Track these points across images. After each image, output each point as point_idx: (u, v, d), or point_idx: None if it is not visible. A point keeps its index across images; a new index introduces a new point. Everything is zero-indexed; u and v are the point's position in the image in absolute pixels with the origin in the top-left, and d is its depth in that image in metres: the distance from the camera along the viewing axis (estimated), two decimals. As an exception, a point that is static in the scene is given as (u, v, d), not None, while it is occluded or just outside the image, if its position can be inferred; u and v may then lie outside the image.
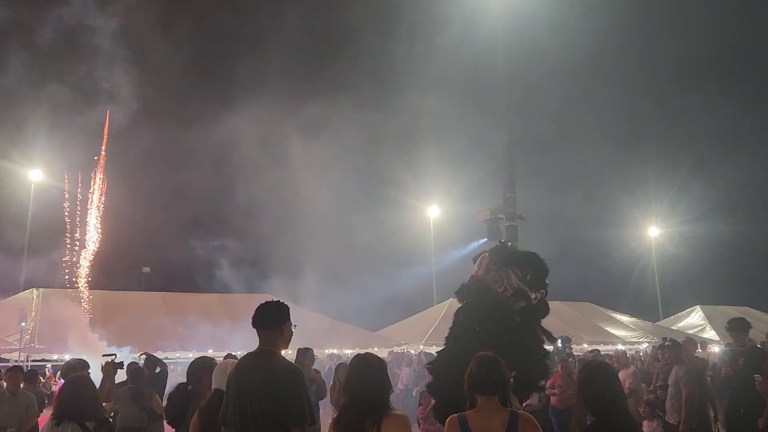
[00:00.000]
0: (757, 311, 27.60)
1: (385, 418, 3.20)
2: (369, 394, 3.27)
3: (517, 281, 5.35)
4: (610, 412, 3.22)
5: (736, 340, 7.75)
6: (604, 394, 3.27)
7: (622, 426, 3.19)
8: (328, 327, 21.00)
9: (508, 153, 14.16)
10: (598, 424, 3.22)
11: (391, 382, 3.60)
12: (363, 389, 3.29)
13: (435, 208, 32.21)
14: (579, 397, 3.36)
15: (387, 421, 3.19)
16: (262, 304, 3.72)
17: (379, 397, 3.28)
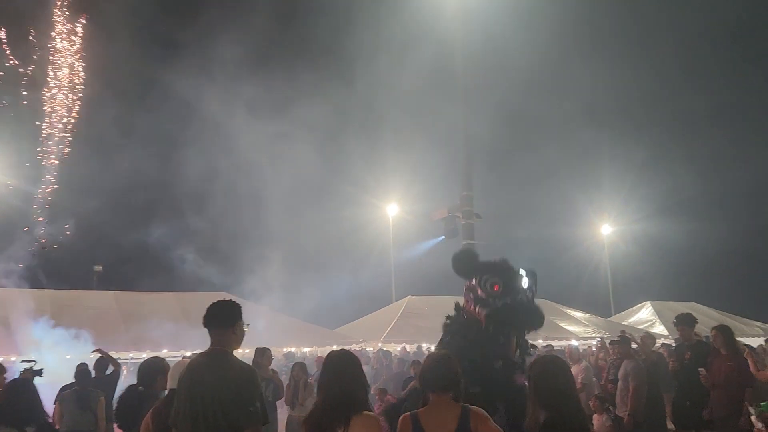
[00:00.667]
0: (704, 307, 28.51)
1: (354, 417, 3.13)
2: (342, 393, 3.20)
3: (481, 292, 5.09)
4: (564, 406, 3.24)
5: (682, 334, 8.02)
6: (557, 388, 3.29)
7: (575, 420, 3.22)
8: (285, 326, 20.83)
9: (466, 152, 14.32)
10: (552, 419, 3.22)
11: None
12: (336, 387, 3.22)
13: (394, 206, 32.31)
14: (532, 392, 3.37)
15: (356, 419, 3.13)
16: (213, 304, 3.67)
17: (352, 395, 3.20)
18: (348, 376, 3.26)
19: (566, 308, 28.19)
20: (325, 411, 3.19)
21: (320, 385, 3.34)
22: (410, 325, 22.74)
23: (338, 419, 3.11)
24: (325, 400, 3.24)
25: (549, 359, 3.66)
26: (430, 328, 22.11)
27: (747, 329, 25.81)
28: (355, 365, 3.35)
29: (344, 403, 3.16)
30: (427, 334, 21.27)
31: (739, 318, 28.93)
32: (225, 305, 3.68)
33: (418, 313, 23.91)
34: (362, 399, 3.24)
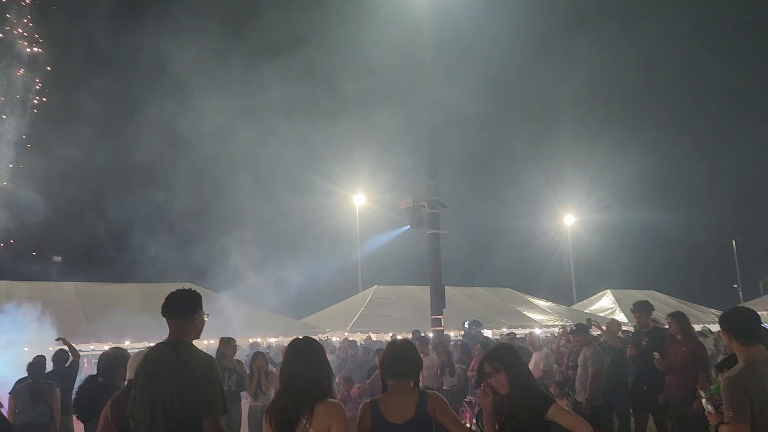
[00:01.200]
0: (662, 294, 29.32)
1: (318, 404, 3.08)
2: (305, 381, 3.13)
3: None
4: (525, 386, 3.37)
5: (640, 321, 8.22)
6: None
7: (536, 398, 3.33)
8: (250, 316, 20.70)
9: (431, 142, 14.38)
10: (515, 398, 3.36)
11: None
12: (299, 375, 3.15)
13: (361, 196, 32.30)
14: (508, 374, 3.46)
15: (320, 407, 3.08)
16: (172, 293, 3.62)
17: (316, 383, 3.14)
18: (311, 364, 3.19)
19: (530, 297, 28.65)
20: (288, 399, 3.13)
21: (282, 373, 3.27)
22: (377, 315, 22.84)
23: (302, 407, 3.07)
24: (288, 389, 3.17)
25: (500, 344, 3.86)
26: (396, 318, 22.31)
27: (703, 316, 26.62)
28: (319, 352, 3.27)
29: (307, 391, 3.10)
30: (394, 324, 21.42)
31: (696, 305, 29.83)
32: (184, 294, 3.63)
33: (385, 303, 24.02)
34: (326, 386, 3.18)
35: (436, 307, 14.01)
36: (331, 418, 3.07)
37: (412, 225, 13.91)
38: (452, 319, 19.38)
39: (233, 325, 18.26)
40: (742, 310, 3.74)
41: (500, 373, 3.40)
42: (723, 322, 3.64)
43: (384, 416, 3.30)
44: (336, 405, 3.16)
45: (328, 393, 3.16)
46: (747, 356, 3.44)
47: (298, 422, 3.06)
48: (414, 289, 24.00)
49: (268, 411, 3.21)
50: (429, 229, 13.99)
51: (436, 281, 14.04)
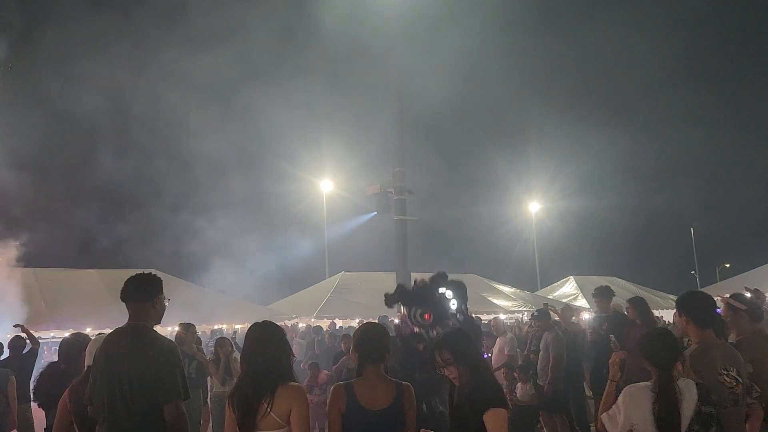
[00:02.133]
0: (623, 281, 29.99)
1: (279, 387, 3.08)
2: (267, 365, 3.12)
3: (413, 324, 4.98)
4: (476, 380, 3.19)
5: (600, 306, 8.39)
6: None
7: (482, 395, 3.13)
8: (215, 302, 20.54)
9: (398, 128, 14.37)
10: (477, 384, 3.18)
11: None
12: (260, 359, 3.13)
13: (328, 182, 32.16)
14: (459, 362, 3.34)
15: (280, 391, 3.07)
16: (131, 277, 3.57)
17: (277, 367, 3.13)
18: (271, 348, 3.17)
19: (495, 283, 29.00)
20: (249, 384, 3.12)
21: (243, 357, 3.26)
22: (343, 301, 22.88)
23: (262, 391, 3.06)
24: (249, 373, 3.16)
25: (449, 330, 3.70)
26: (363, 304, 22.37)
27: (662, 302, 27.30)
28: (278, 336, 3.26)
29: (268, 375, 3.10)
30: (360, 310, 21.49)
31: (655, 291, 30.60)
32: (144, 278, 3.58)
33: (352, 289, 24.06)
34: (286, 370, 3.17)
35: (402, 293, 14.05)
36: (291, 401, 3.07)
37: (379, 211, 13.92)
38: (418, 305, 19.50)
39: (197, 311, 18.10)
40: (699, 295, 3.83)
41: (451, 365, 3.23)
42: (680, 306, 3.74)
43: (359, 401, 3.24)
44: (297, 388, 3.16)
45: (288, 377, 3.15)
46: (701, 339, 3.56)
47: (260, 406, 3.05)
48: (381, 276, 24.08)
49: (230, 396, 3.19)
50: (396, 215, 14.02)
51: (403, 267, 14.10)
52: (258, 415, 3.05)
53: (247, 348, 3.25)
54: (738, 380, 3.43)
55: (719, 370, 3.41)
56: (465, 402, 3.15)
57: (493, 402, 3.07)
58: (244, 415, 3.08)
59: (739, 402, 3.44)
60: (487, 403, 3.06)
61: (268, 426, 3.05)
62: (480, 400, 3.09)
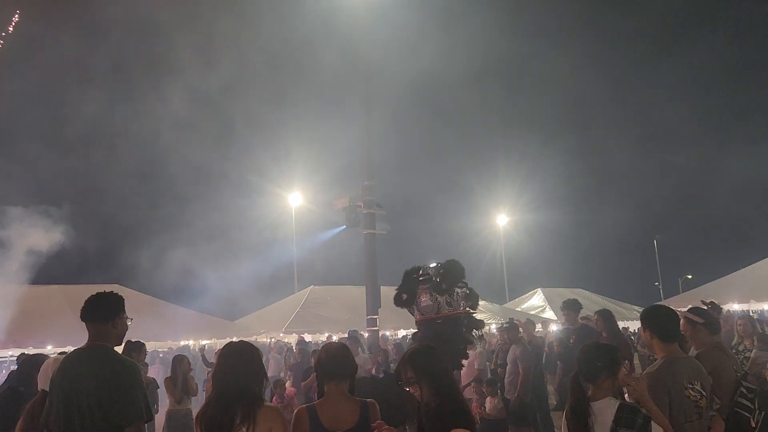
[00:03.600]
0: (589, 292, 30.40)
1: (259, 410, 2.99)
2: (239, 387, 3.02)
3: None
4: (441, 399, 3.08)
5: (567, 318, 8.48)
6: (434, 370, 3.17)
7: (445, 415, 3.05)
8: (182, 318, 20.18)
9: (367, 142, 14.40)
10: (441, 402, 3.08)
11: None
12: (232, 380, 3.04)
13: (297, 195, 32.00)
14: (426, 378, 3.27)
15: (261, 413, 2.99)
16: (92, 296, 3.48)
17: (251, 389, 3.04)
18: (245, 369, 3.09)
19: (464, 296, 29.08)
20: (219, 404, 3.02)
21: (215, 377, 3.16)
22: (312, 315, 22.69)
23: (241, 414, 2.97)
24: (219, 395, 3.07)
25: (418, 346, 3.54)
26: (332, 318, 22.23)
27: (627, 313, 27.76)
28: (253, 357, 3.17)
29: (240, 397, 3.01)
30: (330, 324, 21.35)
31: (620, 302, 31.09)
32: (105, 297, 3.49)
33: (321, 303, 23.90)
34: (258, 392, 3.10)
35: (371, 307, 14.04)
36: (271, 423, 3.00)
37: (348, 225, 13.91)
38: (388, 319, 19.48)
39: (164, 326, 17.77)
40: (663, 309, 3.85)
41: (414, 383, 3.15)
42: (645, 320, 3.77)
43: (322, 423, 3.16)
44: (275, 409, 3.12)
45: (260, 399, 3.08)
46: (666, 353, 3.60)
47: (233, 429, 2.96)
48: (350, 290, 23.99)
49: (199, 417, 3.09)
50: (365, 229, 14.01)
51: (372, 281, 14.08)
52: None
53: (219, 368, 3.15)
54: (702, 393, 3.49)
55: (684, 384, 3.45)
56: (429, 421, 3.08)
57: (456, 422, 2.98)
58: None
59: (703, 415, 3.49)
60: (451, 423, 2.97)
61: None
62: (443, 419, 3.00)
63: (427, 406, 3.12)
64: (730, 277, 21.96)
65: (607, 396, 3.26)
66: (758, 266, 21.10)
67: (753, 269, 21.18)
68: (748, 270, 21.55)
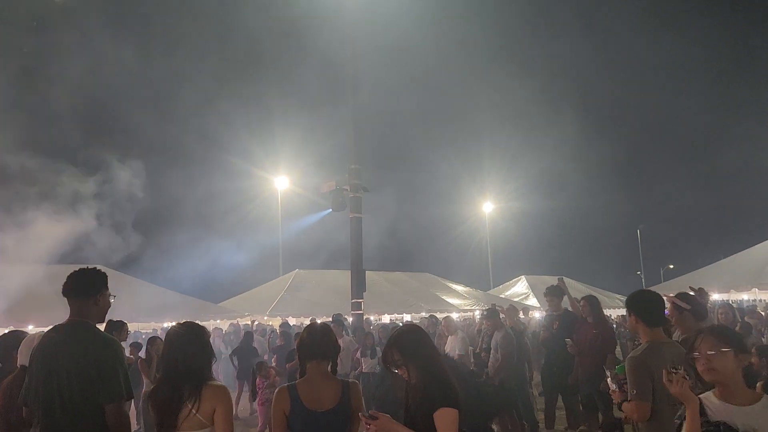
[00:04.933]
0: (572, 280, 30.65)
1: (205, 388, 3.06)
2: (186, 366, 3.09)
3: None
4: (429, 379, 3.08)
5: (551, 305, 8.53)
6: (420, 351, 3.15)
7: (433, 395, 3.03)
8: (165, 299, 20.07)
9: (353, 125, 14.31)
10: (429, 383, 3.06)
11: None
12: (180, 360, 3.10)
13: (283, 179, 31.85)
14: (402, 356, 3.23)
15: (207, 391, 3.05)
16: (74, 272, 3.42)
17: (198, 368, 3.12)
18: (191, 349, 3.14)
19: (449, 282, 29.26)
20: (168, 384, 3.09)
21: (163, 357, 3.23)
22: (297, 299, 22.68)
23: (182, 392, 3.03)
24: (168, 373, 3.14)
25: (405, 327, 3.54)
26: (316, 302, 22.23)
27: (609, 301, 28.06)
28: (199, 337, 3.23)
29: (188, 376, 3.07)
30: (314, 308, 21.35)
31: (602, 290, 31.42)
32: (87, 273, 3.43)
33: (306, 287, 23.89)
34: (206, 371, 3.17)
35: (356, 290, 14.03)
36: (216, 401, 3.05)
37: (334, 208, 13.85)
38: (372, 303, 19.53)
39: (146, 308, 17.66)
40: (648, 294, 3.86)
41: (401, 365, 3.14)
42: (630, 305, 3.77)
43: (303, 402, 3.16)
44: (221, 387, 3.14)
45: (208, 377, 3.14)
46: (650, 337, 3.62)
47: (182, 407, 3.03)
48: (335, 274, 23.99)
49: (150, 396, 3.15)
50: (351, 213, 13.97)
51: (357, 265, 14.06)
52: (180, 415, 3.02)
53: (167, 348, 3.20)
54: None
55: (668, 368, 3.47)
56: (416, 401, 3.08)
57: (443, 401, 2.98)
58: (163, 415, 3.05)
59: (686, 399, 3.51)
60: (437, 402, 2.97)
61: (191, 426, 3.02)
62: (430, 399, 3.01)
63: (415, 388, 3.12)
64: (710, 267, 22.27)
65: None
66: (738, 257, 21.42)
67: (733, 260, 21.49)
68: (728, 260, 21.86)
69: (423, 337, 3.30)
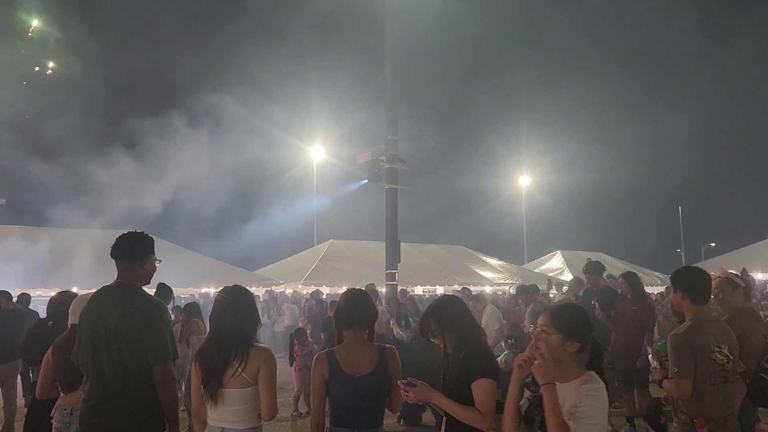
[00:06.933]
0: (609, 256, 30.23)
1: (251, 349, 3.14)
2: (235, 327, 3.18)
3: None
4: (467, 348, 3.09)
5: (590, 281, 8.42)
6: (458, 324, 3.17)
7: (471, 365, 3.06)
8: (204, 266, 20.49)
9: (391, 95, 14.21)
10: (466, 353, 3.07)
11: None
12: (228, 321, 3.19)
13: (319, 149, 31.91)
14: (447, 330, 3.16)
15: (253, 352, 3.14)
16: (123, 235, 3.50)
17: (244, 329, 3.21)
18: (239, 311, 3.23)
19: (483, 255, 29.14)
20: (215, 344, 3.18)
21: (212, 318, 3.30)
22: (331, 268, 22.89)
23: (234, 352, 3.12)
24: (216, 333, 3.23)
25: (443, 297, 3.58)
26: (350, 272, 22.40)
27: (647, 278, 27.59)
28: (247, 300, 3.32)
29: (235, 337, 3.16)
30: (348, 278, 21.53)
31: (640, 268, 30.87)
32: (135, 237, 3.51)
33: (340, 257, 24.07)
34: (252, 333, 3.25)
35: (390, 261, 14.10)
36: (261, 362, 3.13)
37: (370, 179, 13.86)
38: (406, 275, 19.59)
39: (186, 274, 18.05)
40: (695, 270, 3.74)
41: (442, 334, 3.17)
42: (675, 281, 3.66)
43: (341, 368, 3.21)
44: (266, 349, 3.23)
45: (253, 339, 3.23)
46: (695, 315, 3.54)
47: (228, 367, 3.11)
48: (370, 245, 24.10)
49: (197, 356, 3.25)
50: (387, 184, 13.96)
51: (392, 236, 14.10)
52: (227, 374, 3.11)
53: (216, 309, 3.28)
54: (729, 357, 3.44)
55: (712, 347, 3.40)
56: (454, 371, 3.11)
57: (480, 372, 3.00)
58: (209, 374, 3.14)
59: (729, 378, 3.45)
60: (475, 373, 2.99)
61: (236, 385, 3.11)
62: (467, 370, 3.03)
63: (451, 358, 3.15)
64: (753, 247, 21.70)
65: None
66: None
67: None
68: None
69: (461, 307, 3.32)
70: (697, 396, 3.37)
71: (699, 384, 3.36)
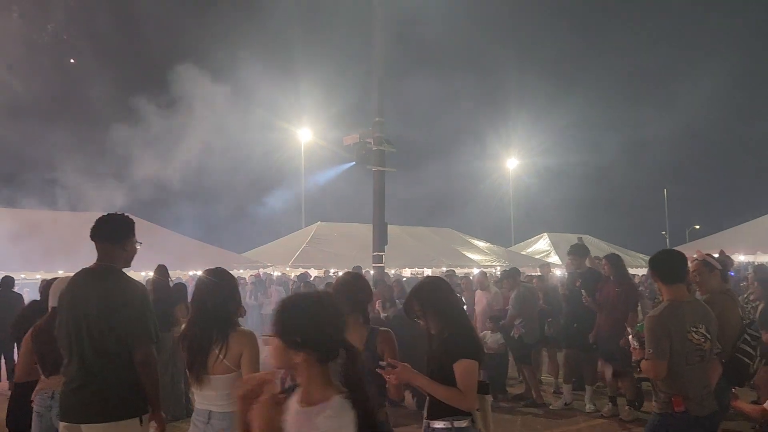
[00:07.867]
0: (595, 239, 30.48)
1: (232, 332, 3.16)
2: (216, 309, 3.18)
3: None
4: (450, 330, 3.12)
5: (574, 263, 8.48)
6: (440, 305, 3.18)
7: (454, 345, 3.08)
8: (190, 248, 20.43)
9: (378, 78, 14.13)
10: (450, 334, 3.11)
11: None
12: (209, 304, 3.19)
13: (306, 131, 31.73)
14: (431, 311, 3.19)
15: (234, 335, 3.15)
16: (102, 216, 3.46)
17: (226, 314, 3.21)
18: (221, 294, 3.23)
19: (470, 237, 29.26)
20: (197, 327, 3.19)
21: (193, 301, 3.31)
22: (319, 251, 22.91)
23: (211, 335, 3.13)
24: (199, 316, 3.23)
25: (427, 279, 3.63)
26: (338, 254, 22.44)
27: (631, 260, 27.85)
28: (229, 283, 3.33)
29: (216, 320, 3.17)
30: (336, 260, 21.57)
31: (626, 250, 31.18)
32: (116, 218, 3.47)
33: (327, 239, 24.09)
34: (233, 316, 3.26)
35: (378, 244, 14.13)
36: (242, 346, 3.14)
37: (357, 161, 13.85)
38: (394, 257, 19.66)
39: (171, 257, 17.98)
40: (667, 252, 3.88)
41: (425, 315, 3.19)
42: (652, 263, 3.76)
43: None
44: (248, 333, 3.23)
45: (235, 323, 3.24)
46: (670, 296, 3.59)
47: (210, 350, 3.12)
48: (358, 227, 24.12)
49: (182, 337, 3.28)
50: (374, 166, 13.94)
51: (379, 218, 14.11)
52: (210, 359, 3.12)
53: (197, 292, 3.29)
54: (707, 336, 3.49)
55: (688, 327, 3.46)
56: (437, 351, 3.13)
57: (463, 353, 3.02)
58: (194, 356, 3.16)
59: (706, 357, 3.51)
60: (457, 353, 3.01)
61: (220, 371, 3.12)
62: (450, 350, 3.05)
63: (434, 339, 3.17)
64: (737, 228, 21.93)
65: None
66: (765, 219, 21.02)
67: (761, 221, 21.11)
68: (755, 222, 21.49)
69: (444, 289, 3.32)
70: (674, 375, 3.43)
71: (675, 364, 3.42)
